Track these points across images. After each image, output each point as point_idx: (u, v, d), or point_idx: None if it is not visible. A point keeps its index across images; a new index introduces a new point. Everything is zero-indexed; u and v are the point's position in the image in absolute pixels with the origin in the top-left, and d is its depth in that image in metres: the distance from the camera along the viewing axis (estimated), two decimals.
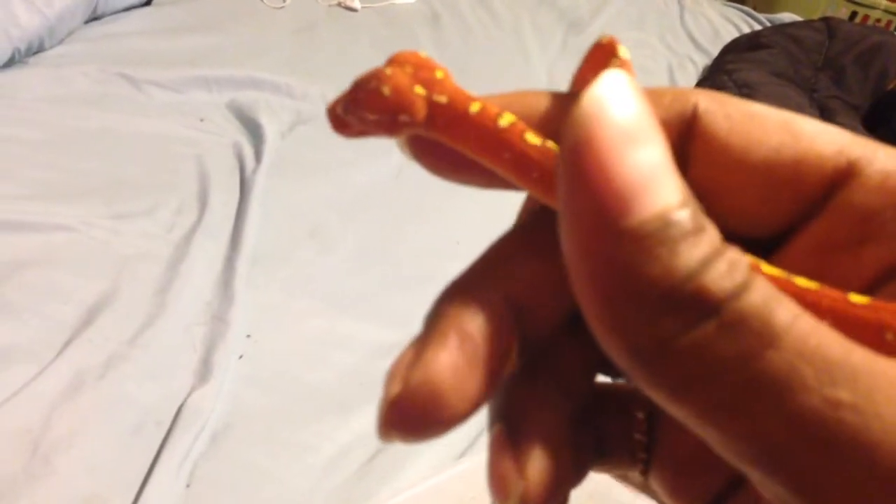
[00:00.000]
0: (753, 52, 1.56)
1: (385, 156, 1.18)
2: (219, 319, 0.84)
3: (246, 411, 0.77)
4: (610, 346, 0.14)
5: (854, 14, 2.47)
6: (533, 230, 0.18)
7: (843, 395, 0.12)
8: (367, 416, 0.80)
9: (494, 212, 1.10)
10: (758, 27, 1.88)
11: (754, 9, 2.24)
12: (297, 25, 1.43)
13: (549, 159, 0.16)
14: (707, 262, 0.13)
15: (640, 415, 0.19)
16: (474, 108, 0.17)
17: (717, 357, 0.13)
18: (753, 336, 0.13)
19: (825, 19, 1.74)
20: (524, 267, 0.18)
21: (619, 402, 0.20)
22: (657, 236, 0.13)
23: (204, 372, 0.79)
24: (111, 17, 1.27)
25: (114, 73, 1.14)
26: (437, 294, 0.18)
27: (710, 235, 0.13)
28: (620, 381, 0.19)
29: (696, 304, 0.13)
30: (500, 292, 0.17)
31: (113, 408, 0.74)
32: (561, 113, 0.18)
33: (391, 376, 0.16)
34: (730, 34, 1.81)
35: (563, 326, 0.18)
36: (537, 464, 0.17)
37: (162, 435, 0.73)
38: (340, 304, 0.92)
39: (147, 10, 1.32)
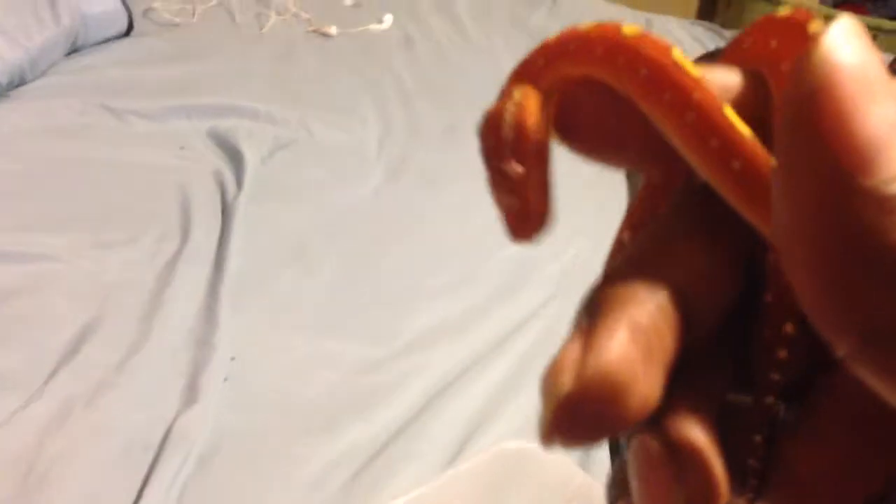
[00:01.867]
0: None
1: (363, 177, 1.21)
2: (204, 343, 0.86)
3: (232, 433, 0.79)
4: (836, 324, 0.12)
5: None
6: (689, 216, 0.17)
7: None
8: (352, 433, 0.81)
9: (472, 228, 1.13)
10: (723, 44, 1.92)
11: (722, 26, 2.29)
12: (275, 52, 1.46)
13: (756, 152, 0.15)
14: None
15: (759, 438, 0.17)
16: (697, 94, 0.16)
17: None
18: None
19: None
20: (687, 256, 0.16)
21: (735, 423, 0.18)
22: None
23: (190, 395, 0.80)
24: (91, 49, 1.29)
25: (95, 104, 1.16)
26: (594, 284, 0.16)
27: None
28: (745, 399, 0.17)
29: None
30: (666, 281, 0.15)
31: (102, 433, 0.75)
32: (749, 91, 0.16)
33: (557, 371, 0.14)
34: (696, 51, 1.85)
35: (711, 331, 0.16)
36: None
37: (150, 459, 0.74)
38: (323, 323, 0.94)
39: (126, 41, 1.34)
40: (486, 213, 1.02)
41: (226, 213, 1.05)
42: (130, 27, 1.34)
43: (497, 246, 1.10)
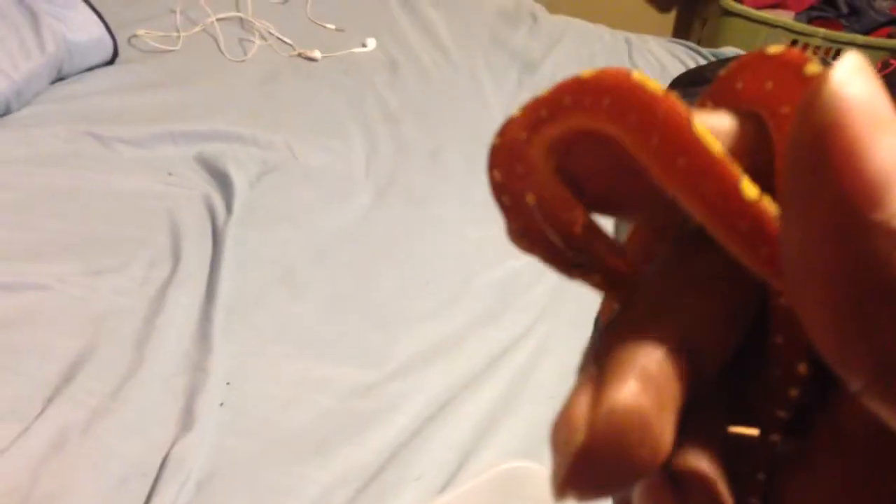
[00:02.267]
0: (699, 87, 1.63)
1: (351, 199, 1.22)
2: (198, 369, 0.86)
3: (229, 458, 0.79)
4: (848, 360, 0.12)
5: (794, 42, 2.57)
6: (690, 263, 0.17)
7: None
8: (348, 457, 0.82)
9: (460, 250, 1.14)
10: (702, 62, 1.95)
11: (698, 43, 2.33)
12: (260, 77, 1.46)
13: (760, 210, 0.15)
14: None
15: (761, 476, 0.17)
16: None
17: None
18: None
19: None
20: (692, 303, 0.16)
21: (735, 460, 0.18)
22: None
23: (186, 422, 0.81)
24: (76, 77, 1.29)
25: (81, 132, 1.16)
26: (599, 332, 0.16)
27: None
28: (747, 436, 0.17)
29: None
30: (673, 329, 0.16)
31: (98, 462, 0.75)
32: (748, 135, 0.16)
33: (569, 423, 0.14)
34: (676, 69, 1.89)
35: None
36: None
37: (148, 487, 0.75)
38: (316, 347, 0.94)
39: (111, 68, 1.34)
40: (473, 233, 1.05)
41: (216, 237, 1.05)
42: (115, 54, 1.34)
43: (485, 266, 1.12)
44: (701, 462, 0.16)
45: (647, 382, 0.14)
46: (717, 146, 0.15)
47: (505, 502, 0.62)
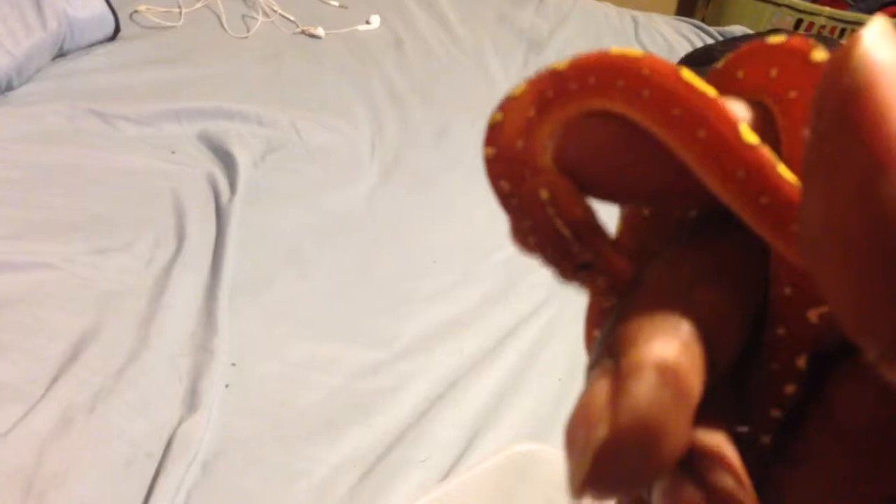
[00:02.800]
0: (706, 66, 1.61)
1: (357, 179, 1.20)
2: (203, 349, 0.85)
3: (235, 439, 0.79)
4: (868, 326, 0.12)
5: (799, 21, 2.55)
6: (697, 254, 0.17)
7: None
8: (356, 437, 0.81)
9: (467, 229, 1.13)
10: (709, 41, 1.94)
11: (703, 20, 2.31)
12: (263, 54, 1.45)
13: (760, 156, 0.15)
14: None
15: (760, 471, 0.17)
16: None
17: None
18: None
19: (773, 32, 1.79)
20: (705, 293, 0.16)
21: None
22: None
23: (192, 402, 0.80)
24: (78, 54, 1.28)
25: (84, 110, 1.15)
26: (611, 321, 0.16)
27: None
28: (746, 432, 0.17)
29: None
30: (688, 321, 0.15)
31: (104, 442, 0.74)
32: (756, 122, 0.16)
33: (588, 420, 0.14)
34: (683, 48, 1.87)
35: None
36: None
37: (154, 467, 0.74)
38: (322, 327, 0.93)
39: (113, 45, 1.33)
40: (480, 213, 1.04)
41: (220, 216, 1.04)
42: (117, 31, 1.33)
43: (493, 246, 1.11)
44: (726, 452, 0.15)
45: (665, 374, 0.14)
46: (712, 90, 0.15)
47: (515, 486, 0.61)
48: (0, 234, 0.91)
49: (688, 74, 0.15)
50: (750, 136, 0.15)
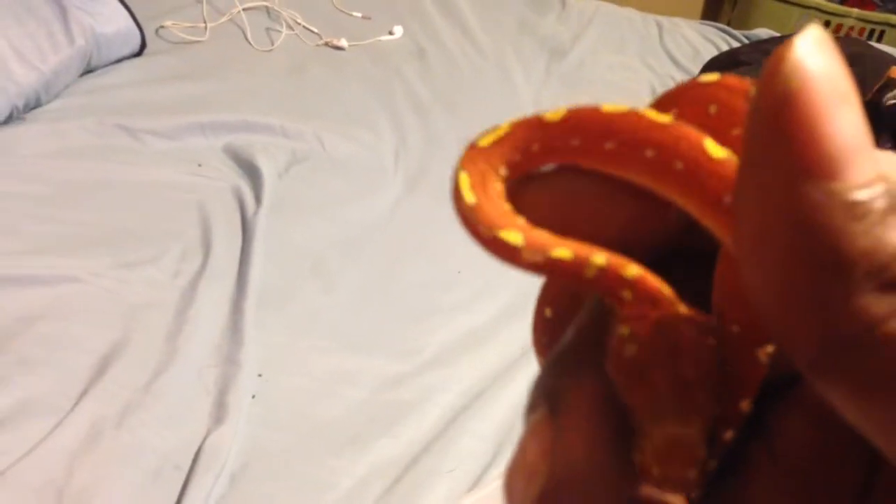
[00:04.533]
0: (733, 69, 1.59)
1: (381, 190, 1.21)
2: (230, 361, 0.86)
3: (262, 450, 0.79)
4: (795, 332, 0.12)
5: (828, 23, 2.52)
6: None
7: None
8: (381, 449, 0.81)
9: None
10: (735, 44, 1.92)
11: (728, 24, 2.29)
12: (287, 67, 1.46)
13: (730, 169, 0.15)
14: None
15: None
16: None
17: None
18: None
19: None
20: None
21: None
22: (869, 205, 0.12)
23: (219, 414, 0.80)
24: (105, 69, 1.29)
25: (111, 125, 1.16)
26: (543, 370, 0.16)
27: None
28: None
29: None
30: None
31: (132, 455, 0.75)
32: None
33: (526, 470, 0.14)
34: (709, 52, 1.85)
35: None
36: None
37: (182, 479, 0.74)
38: (347, 339, 0.93)
39: (139, 60, 1.34)
40: None
41: (246, 229, 1.05)
42: (143, 46, 1.34)
43: None
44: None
45: (604, 419, 0.14)
46: (668, 118, 0.16)
47: None
48: (28, 248, 0.93)
49: (650, 113, 0.16)
50: (716, 151, 0.15)
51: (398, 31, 1.66)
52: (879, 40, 2.41)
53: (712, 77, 0.16)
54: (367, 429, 0.83)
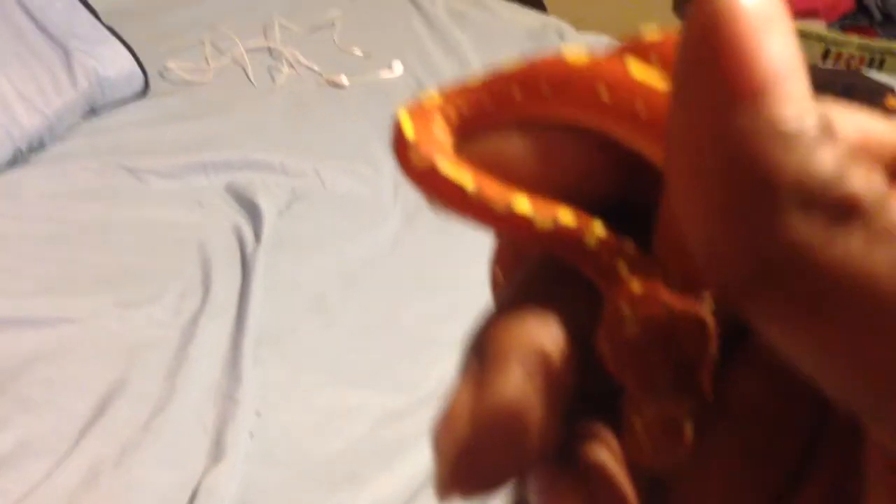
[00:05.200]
0: None
1: (380, 224, 1.21)
2: (228, 399, 0.86)
3: (261, 488, 0.79)
4: (724, 255, 0.12)
5: (827, 51, 2.53)
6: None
7: None
8: (381, 485, 0.81)
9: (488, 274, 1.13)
10: None
11: None
12: (288, 105, 1.48)
13: (653, 89, 0.15)
14: (847, 167, 0.11)
15: None
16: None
17: (863, 272, 0.11)
18: None
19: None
20: (574, 291, 0.16)
21: None
22: (797, 130, 0.11)
23: (217, 452, 0.81)
24: (108, 111, 1.31)
25: (113, 165, 1.18)
26: (479, 322, 0.16)
27: (843, 140, 0.12)
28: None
29: (839, 209, 0.11)
30: (556, 315, 0.15)
31: (130, 494, 0.75)
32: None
33: (450, 422, 0.14)
34: None
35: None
36: None
37: None
38: (346, 374, 0.94)
39: (142, 101, 1.36)
40: None
41: (245, 267, 1.06)
42: (147, 87, 1.36)
43: None
44: (601, 453, 0.15)
45: (531, 369, 0.14)
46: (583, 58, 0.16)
47: None
48: (31, 289, 0.94)
49: (572, 56, 0.16)
50: (639, 72, 0.15)
51: (398, 67, 1.68)
52: (880, 68, 2.41)
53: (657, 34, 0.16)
54: (367, 465, 0.83)
